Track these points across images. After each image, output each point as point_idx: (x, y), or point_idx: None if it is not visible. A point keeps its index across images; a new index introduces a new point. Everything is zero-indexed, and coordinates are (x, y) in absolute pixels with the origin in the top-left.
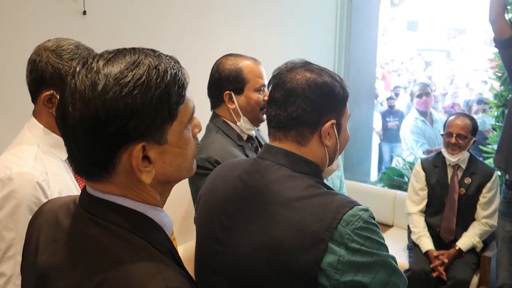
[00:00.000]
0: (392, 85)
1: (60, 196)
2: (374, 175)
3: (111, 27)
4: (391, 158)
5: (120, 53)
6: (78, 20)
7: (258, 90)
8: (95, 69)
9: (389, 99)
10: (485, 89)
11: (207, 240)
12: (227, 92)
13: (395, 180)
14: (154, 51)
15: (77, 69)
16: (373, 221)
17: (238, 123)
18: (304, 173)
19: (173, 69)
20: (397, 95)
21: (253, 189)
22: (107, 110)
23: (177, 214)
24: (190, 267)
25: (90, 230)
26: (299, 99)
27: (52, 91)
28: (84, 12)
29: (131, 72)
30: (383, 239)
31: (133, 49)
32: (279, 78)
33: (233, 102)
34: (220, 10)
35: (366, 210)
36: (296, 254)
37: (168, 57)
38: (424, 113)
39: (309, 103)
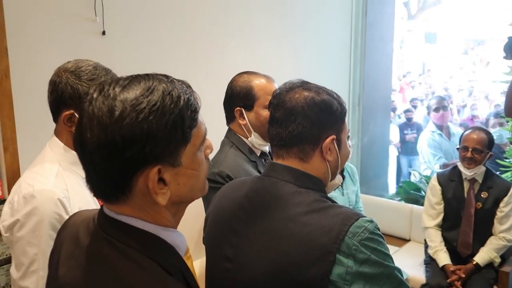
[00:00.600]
0: (409, 98)
1: None
2: (392, 188)
3: (129, 47)
4: (410, 171)
5: (135, 79)
6: (97, 40)
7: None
8: (111, 95)
9: (406, 111)
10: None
11: (217, 258)
12: (238, 108)
13: (411, 194)
14: (167, 76)
15: (94, 95)
16: (378, 232)
17: (249, 138)
18: (309, 188)
19: (186, 94)
20: (414, 107)
21: (260, 206)
22: (124, 136)
23: (194, 229)
24: (204, 283)
25: (104, 250)
26: (299, 117)
27: (72, 110)
28: (104, 33)
29: (146, 98)
30: (388, 250)
31: (147, 75)
32: (279, 99)
33: (243, 118)
34: (234, 29)
35: (371, 221)
36: (305, 267)
37: (180, 82)
38: (441, 127)
39: (309, 120)
